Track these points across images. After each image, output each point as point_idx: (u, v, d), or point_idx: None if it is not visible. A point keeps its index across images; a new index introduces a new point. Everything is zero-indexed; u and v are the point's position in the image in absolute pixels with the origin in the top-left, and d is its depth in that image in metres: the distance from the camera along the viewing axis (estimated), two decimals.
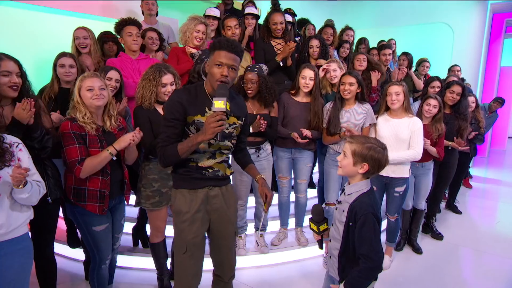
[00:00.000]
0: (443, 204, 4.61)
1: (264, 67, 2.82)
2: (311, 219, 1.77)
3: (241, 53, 1.72)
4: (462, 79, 4.77)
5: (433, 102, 3.06)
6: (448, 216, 4.40)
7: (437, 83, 3.73)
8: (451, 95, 3.35)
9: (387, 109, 2.90)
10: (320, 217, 1.74)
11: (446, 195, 4.64)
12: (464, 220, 4.34)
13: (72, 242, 2.99)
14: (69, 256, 3.08)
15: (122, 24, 2.91)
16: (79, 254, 2.94)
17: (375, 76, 3.49)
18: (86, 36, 3.06)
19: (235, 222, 2.02)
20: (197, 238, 1.82)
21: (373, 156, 1.54)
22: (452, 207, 4.56)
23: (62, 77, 2.59)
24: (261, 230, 3.13)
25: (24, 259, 1.68)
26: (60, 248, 3.06)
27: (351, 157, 1.59)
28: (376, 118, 2.94)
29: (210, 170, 1.83)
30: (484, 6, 6.89)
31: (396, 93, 2.78)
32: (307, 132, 2.85)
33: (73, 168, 1.95)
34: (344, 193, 1.69)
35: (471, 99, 3.95)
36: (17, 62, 1.90)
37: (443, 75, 4.84)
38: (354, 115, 2.85)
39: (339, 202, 1.72)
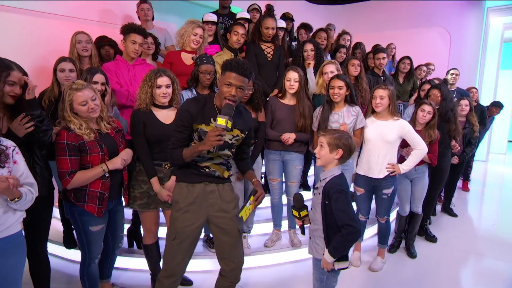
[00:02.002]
0: (439, 207, 4.63)
1: None
2: (292, 207, 1.99)
3: (250, 75, 1.87)
4: (445, 80, 4.79)
5: (427, 108, 3.09)
6: (443, 219, 4.41)
7: (427, 86, 3.78)
8: (429, 97, 3.50)
9: (373, 111, 2.94)
10: (300, 204, 1.97)
11: (442, 197, 4.65)
12: (459, 223, 4.35)
13: (68, 243, 3.04)
14: (65, 257, 3.12)
15: (129, 29, 2.91)
16: (75, 255, 2.99)
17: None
18: (88, 40, 3.11)
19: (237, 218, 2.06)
20: (188, 227, 1.95)
21: (345, 142, 1.87)
22: (448, 210, 4.57)
23: (62, 81, 2.65)
24: (244, 232, 3.12)
25: (17, 257, 1.71)
26: (56, 249, 3.11)
27: (327, 147, 1.89)
28: None
29: (207, 170, 1.99)
30: (481, 9, 6.93)
31: (380, 97, 2.83)
32: (288, 136, 2.91)
33: (62, 179, 2.01)
34: (320, 179, 1.94)
35: (464, 102, 3.98)
36: (24, 73, 1.96)
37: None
38: (343, 117, 2.89)
39: (316, 188, 1.97)
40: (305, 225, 2.03)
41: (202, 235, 2.99)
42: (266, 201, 3.30)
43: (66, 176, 2.00)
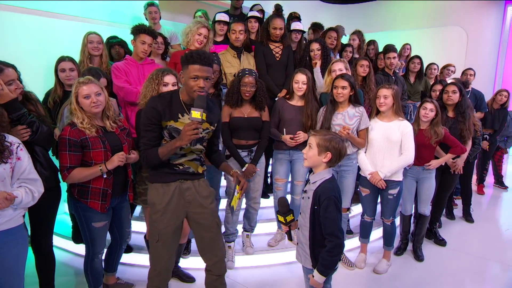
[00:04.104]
0: (456, 212, 4.46)
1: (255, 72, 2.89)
2: (277, 212, 1.92)
3: (213, 62, 1.86)
4: (465, 82, 4.64)
5: (429, 106, 3.03)
6: (454, 222, 4.29)
7: (438, 87, 3.69)
8: (445, 95, 3.40)
9: (378, 112, 2.92)
10: (285, 209, 1.89)
11: (454, 201, 4.52)
12: (471, 226, 4.22)
13: (77, 238, 3.11)
14: (73, 251, 3.22)
15: (139, 30, 2.98)
16: (83, 249, 3.06)
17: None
18: (99, 41, 3.20)
19: (215, 212, 2.10)
20: (169, 228, 1.96)
21: (335, 146, 1.76)
22: (467, 215, 4.36)
23: (64, 81, 2.72)
24: (247, 231, 3.15)
25: (19, 248, 1.78)
26: (64, 243, 3.21)
27: (316, 148, 1.78)
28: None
29: (181, 167, 1.98)
30: (501, 8, 6.72)
31: (384, 96, 2.81)
32: (301, 134, 2.89)
33: (61, 173, 2.09)
34: (309, 182, 1.86)
35: None
36: None
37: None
38: (346, 118, 2.86)
39: (305, 191, 1.88)
40: (292, 231, 1.97)
41: None
42: (270, 201, 3.32)
43: (64, 171, 2.07)
